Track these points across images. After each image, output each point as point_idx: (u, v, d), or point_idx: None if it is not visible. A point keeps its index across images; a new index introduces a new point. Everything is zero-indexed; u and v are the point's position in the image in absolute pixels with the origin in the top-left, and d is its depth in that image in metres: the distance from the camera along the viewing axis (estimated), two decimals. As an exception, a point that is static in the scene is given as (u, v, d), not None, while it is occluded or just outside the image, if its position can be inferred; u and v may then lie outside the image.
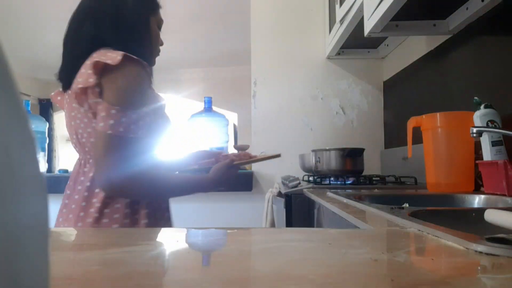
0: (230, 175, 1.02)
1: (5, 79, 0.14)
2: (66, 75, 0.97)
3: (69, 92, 0.94)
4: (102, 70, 0.84)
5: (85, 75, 0.85)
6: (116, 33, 0.93)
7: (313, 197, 1.30)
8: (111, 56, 0.83)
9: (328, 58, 2.29)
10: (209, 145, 2.27)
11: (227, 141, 2.45)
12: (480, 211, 0.64)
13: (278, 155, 1.28)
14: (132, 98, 0.85)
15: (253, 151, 2.16)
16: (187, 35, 3.92)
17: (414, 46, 1.85)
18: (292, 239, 0.56)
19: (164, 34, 1.10)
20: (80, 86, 0.86)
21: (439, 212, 0.80)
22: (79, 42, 0.95)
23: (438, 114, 1.22)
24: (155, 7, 1.04)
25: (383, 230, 0.60)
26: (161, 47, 1.12)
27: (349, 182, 1.61)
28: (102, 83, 0.84)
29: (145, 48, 1.00)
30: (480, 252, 0.42)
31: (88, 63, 0.85)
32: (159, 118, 0.95)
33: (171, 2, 3.27)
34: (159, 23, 1.06)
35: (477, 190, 1.18)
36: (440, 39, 1.59)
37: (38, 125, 2.14)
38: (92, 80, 0.83)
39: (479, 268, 0.39)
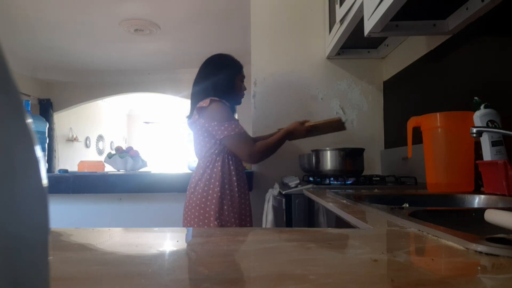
0: (300, 129, 1.64)
1: (5, 79, 0.14)
2: (191, 112, 1.64)
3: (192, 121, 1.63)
4: (200, 109, 1.53)
5: (194, 115, 1.57)
6: (214, 89, 1.59)
7: (313, 197, 1.30)
8: (205, 101, 1.51)
9: (328, 58, 2.29)
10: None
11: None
12: (480, 211, 0.64)
13: (339, 120, 1.73)
14: (227, 116, 1.50)
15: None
16: (187, 35, 3.92)
17: (414, 46, 1.85)
18: (292, 239, 0.56)
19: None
20: (192, 120, 1.60)
21: (439, 212, 0.80)
22: (196, 94, 1.63)
23: (438, 114, 1.22)
24: (238, 70, 1.67)
25: (383, 230, 0.60)
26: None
27: (349, 182, 1.61)
28: (203, 117, 1.53)
29: (229, 96, 1.61)
30: (480, 252, 0.42)
31: (196, 107, 1.55)
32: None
33: (171, 2, 3.28)
34: (242, 78, 1.69)
35: (477, 190, 1.17)
36: (440, 39, 1.59)
37: (38, 125, 2.14)
38: (197, 117, 1.55)
39: (479, 268, 0.39)
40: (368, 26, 1.39)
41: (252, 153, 1.49)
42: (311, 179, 1.79)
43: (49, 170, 4.92)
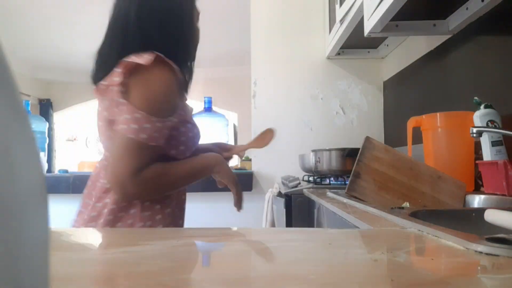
0: (224, 166, 0.94)
1: (5, 79, 0.14)
2: (99, 68, 0.87)
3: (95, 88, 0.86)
4: (131, 69, 0.77)
5: (112, 73, 0.79)
6: (162, 29, 0.84)
7: (313, 197, 1.30)
8: (144, 56, 0.76)
9: (328, 58, 2.29)
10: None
11: (227, 141, 2.45)
12: (480, 211, 0.64)
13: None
14: (159, 105, 0.80)
15: (253, 151, 2.16)
16: (187, 35, 3.91)
17: (414, 46, 1.85)
18: (292, 239, 0.56)
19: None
20: (102, 82, 0.81)
21: (439, 212, 0.80)
22: (122, 36, 0.85)
23: (438, 114, 1.22)
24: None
25: (383, 230, 0.60)
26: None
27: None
28: (129, 84, 0.78)
29: (189, 47, 0.92)
30: (480, 252, 0.42)
31: (123, 61, 0.78)
32: (183, 129, 0.88)
33: (171, 2, 3.28)
34: (198, 15, 0.94)
35: (477, 190, 1.17)
36: (440, 39, 1.59)
37: (38, 125, 2.15)
38: (117, 79, 0.77)
39: (479, 268, 0.39)
40: (368, 26, 1.39)
41: (126, 184, 0.77)
42: (311, 179, 1.79)
43: (49, 170, 4.92)
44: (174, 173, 0.86)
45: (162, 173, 0.82)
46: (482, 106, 1.09)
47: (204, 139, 2.08)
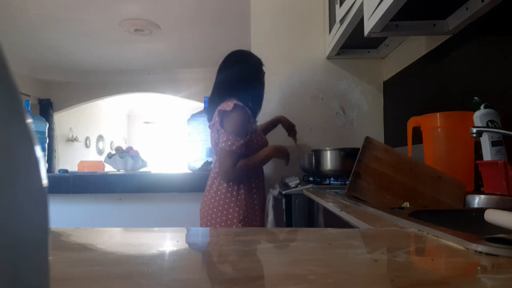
0: (284, 149, 1.66)
1: (5, 79, 0.14)
2: (209, 112, 1.65)
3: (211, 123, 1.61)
4: (223, 112, 1.51)
5: (215, 117, 1.55)
6: (241, 81, 1.60)
7: (313, 197, 1.30)
8: (228, 105, 1.49)
9: (328, 58, 2.29)
10: (208, 145, 2.27)
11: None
12: (480, 211, 0.64)
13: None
14: (238, 130, 1.49)
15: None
16: (187, 35, 3.92)
17: (414, 46, 1.85)
18: (292, 239, 0.56)
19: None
20: (212, 122, 1.58)
21: (439, 212, 0.80)
22: (215, 91, 1.64)
23: (438, 114, 1.22)
24: (261, 64, 1.70)
25: (383, 230, 0.60)
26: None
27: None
28: (224, 120, 1.51)
29: (255, 89, 1.66)
30: (480, 252, 0.42)
31: (218, 108, 1.53)
32: (254, 140, 1.58)
33: (171, 2, 3.28)
34: (263, 74, 1.72)
35: (477, 190, 1.17)
36: (440, 39, 1.59)
37: (38, 125, 2.15)
38: (217, 119, 1.53)
39: (479, 268, 0.39)
40: (368, 26, 1.39)
41: (229, 173, 1.49)
42: (311, 179, 1.79)
43: (49, 170, 4.92)
44: (252, 162, 1.54)
45: (245, 164, 1.51)
46: (482, 106, 1.08)
47: (204, 139, 2.21)
